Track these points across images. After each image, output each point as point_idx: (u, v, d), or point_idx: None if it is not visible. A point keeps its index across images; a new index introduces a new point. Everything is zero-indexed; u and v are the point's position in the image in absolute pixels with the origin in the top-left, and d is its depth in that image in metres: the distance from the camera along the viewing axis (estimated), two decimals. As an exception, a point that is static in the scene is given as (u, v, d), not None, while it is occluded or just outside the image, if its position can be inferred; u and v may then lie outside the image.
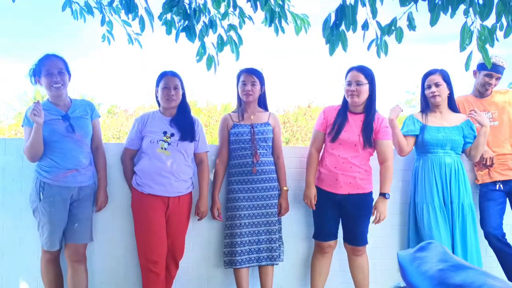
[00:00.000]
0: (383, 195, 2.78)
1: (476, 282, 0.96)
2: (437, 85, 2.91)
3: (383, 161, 2.81)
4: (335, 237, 2.85)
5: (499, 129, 3.08)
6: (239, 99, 2.92)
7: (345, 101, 2.83)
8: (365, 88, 2.72)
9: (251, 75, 2.84)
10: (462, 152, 2.99)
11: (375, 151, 2.83)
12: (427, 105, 3.02)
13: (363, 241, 2.84)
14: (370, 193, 2.83)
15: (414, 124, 2.97)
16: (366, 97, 2.75)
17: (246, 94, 2.83)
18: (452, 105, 3.01)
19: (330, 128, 2.78)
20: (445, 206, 2.86)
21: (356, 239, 2.82)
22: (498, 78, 3.07)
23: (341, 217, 2.86)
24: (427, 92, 2.96)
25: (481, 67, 3.07)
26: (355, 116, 2.79)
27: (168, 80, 2.70)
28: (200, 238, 2.99)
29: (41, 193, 2.47)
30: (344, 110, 2.81)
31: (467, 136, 2.92)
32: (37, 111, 2.31)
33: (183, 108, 2.78)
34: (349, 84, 2.74)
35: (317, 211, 2.84)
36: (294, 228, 3.10)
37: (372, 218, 2.81)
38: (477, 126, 2.90)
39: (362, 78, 2.71)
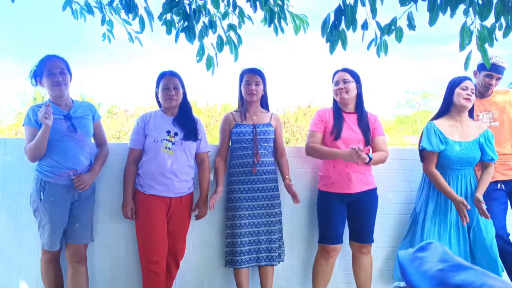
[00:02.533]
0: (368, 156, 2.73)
1: (476, 282, 0.96)
2: (472, 91, 2.79)
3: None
4: (341, 240, 2.83)
5: (500, 130, 3.07)
6: (241, 98, 2.92)
7: (335, 103, 2.87)
8: (352, 85, 2.80)
9: (255, 75, 2.86)
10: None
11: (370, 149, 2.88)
12: (447, 110, 2.88)
13: (371, 238, 2.85)
14: (376, 189, 2.87)
15: (441, 140, 2.78)
16: (355, 95, 2.83)
17: (250, 94, 2.84)
18: (471, 114, 2.92)
19: (331, 128, 2.78)
20: (460, 224, 2.78)
21: (365, 236, 2.83)
22: (498, 79, 3.06)
23: (348, 216, 2.85)
24: (462, 92, 2.78)
25: (482, 67, 3.06)
26: (350, 116, 2.83)
27: (168, 81, 2.70)
28: (200, 238, 2.99)
29: (41, 193, 2.48)
30: (338, 110, 2.83)
31: (487, 151, 2.80)
32: (48, 114, 2.32)
33: (185, 107, 2.78)
34: (337, 83, 2.80)
35: (326, 215, 2.81)
36: (295, 229, 3.10)
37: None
38: None
39: (348, 77, 2.80)
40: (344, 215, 2.82)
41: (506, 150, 3.05)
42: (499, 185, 3.00)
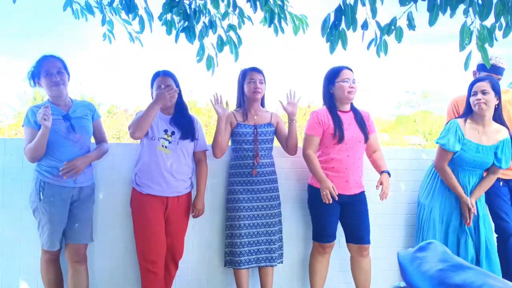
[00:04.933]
0: (386, 172, 2.80)
1: (476, 282, 0.96)
2: (484, 92, 2.70)
3: (375, 150, 2.93)
4: (335, 237, 2.84)
5: None
6: (242, 98, 2.91)
7: (331, 102, 2.83)
8: (358, 86, 2.83)
9: (259, 73, 2.87)
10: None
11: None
12: (470, 111, 2.81)
13: (368, 239, 2.84)
14: (364, 191, 2.88)
15: (459, 140, 2.76)
16: None
17: (255, 92, 2.84)
18: (497, 117, 2.81)
19: (332, 131, 2.74)
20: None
21: (363, 236, 2.81)
22: (498, 79, 3.06)
23: (342, 217, 2.85)
24: (472, 99, 2.76)
25: (481, 68, 3.05)
26: (346, 114, 2.82)
27: (161, 81, 2.68)
28: (200, 238, 2.99)
29: (41, 193, 2.48)
30: (335, 110, 2.82)
31: (500, 158, 2.78)
32: (47, 115, 2.32)
33: (180, 106, 2.77)
34: (347, 81, 2.77)
35: (320, 213, 2.80)
36: (294, 229, 3.10)
37: (378, 192, 2.78)
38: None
39: (355, 77, 2.81)
40: (337, 213, 2.81)
41: None
42: (501, 182, 3.00)
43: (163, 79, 2.69)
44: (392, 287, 1.25)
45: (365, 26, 2.22)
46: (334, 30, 2.21)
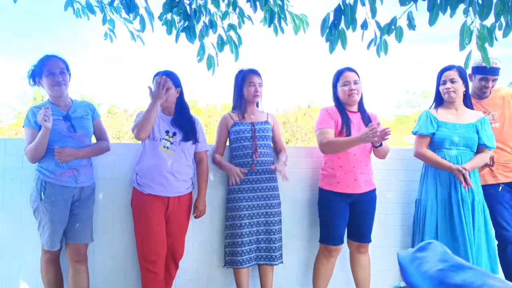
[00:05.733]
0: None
1: (476, 282, 0.96)
2: (452, 81, 2.82)
3: None
4: (342, 241, 2.83)
5: (501, 131, 3.02)
6: (240, 99, 2.91)
7: (339, 103, 2.85)
8: (361, 86, 2.82)
9: (259, 76, 2.89)
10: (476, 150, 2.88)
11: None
12: (441, 101, 2.92)
13: (369, 238, 2.86)
14: (375, 189, 2.87)
15: (432, 123, 2.84)
16: None
17: (255, 96, 2.87)
18: (467, 103, 2.92)
19: (340, 128, 2.75)
20: (457, 205, 2.77)
21: (365, 235, 2.84)
22: (494, 80, 3.01)
23: (349, 216, 2.84)
24: (441, 88, 2.88)
25: (476, 70, 3.01)
26: (354, 115, 2.83)
27: (159, 78, 2.67)
28: (200, 238, 2.99)
29: (42, 193, 2.48)
30: (344, 110, 2.82)
31: (481, 135, 2.82)
32: (47, 116, 2.33)
33: (181, 106, 2.77)
34: (347, 84, 2.77)
35: (329, 215, 2.79)
36: (295, 229, 3.10)
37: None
38: None
39: (357, 78, 2.80)
40: (346, 215, 2.81)
41: (508, 152, 3.02)
42: (500, 187, 2.96)
43: (161, 78, 2.68)
44: (392, 287, 1.25)
45: (364, 26, 2.22)
46: (334, 29, 2.21)
